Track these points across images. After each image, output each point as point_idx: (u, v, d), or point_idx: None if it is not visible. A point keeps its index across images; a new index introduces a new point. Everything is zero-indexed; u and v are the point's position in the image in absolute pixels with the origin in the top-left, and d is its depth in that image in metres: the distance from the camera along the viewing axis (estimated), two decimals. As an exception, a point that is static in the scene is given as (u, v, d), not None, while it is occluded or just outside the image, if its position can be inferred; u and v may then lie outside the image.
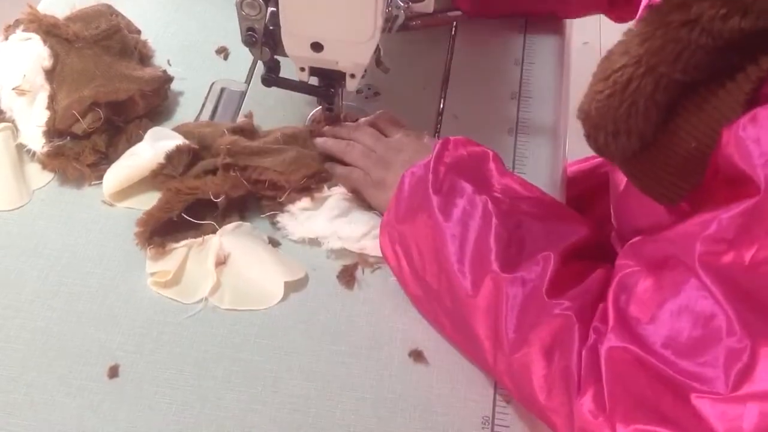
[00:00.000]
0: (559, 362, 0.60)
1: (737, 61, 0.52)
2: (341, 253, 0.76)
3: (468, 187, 0.68)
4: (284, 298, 0.74)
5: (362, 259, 0.76)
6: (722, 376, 0.51)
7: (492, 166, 0.72)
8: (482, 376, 0.69)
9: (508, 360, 0.63)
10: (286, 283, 0.74)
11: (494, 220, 0.65)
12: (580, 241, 0.65)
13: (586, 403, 0.57)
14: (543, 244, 0.64)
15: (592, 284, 0.62)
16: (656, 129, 0.56)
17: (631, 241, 0.63)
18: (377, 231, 0.74)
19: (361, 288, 0.75)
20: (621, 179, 0.71)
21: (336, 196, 0.78)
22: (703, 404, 0.52)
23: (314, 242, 0.78)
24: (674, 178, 0.57)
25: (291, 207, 0.78)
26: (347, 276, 0.75)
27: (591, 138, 0.61)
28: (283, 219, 0.79)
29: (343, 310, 0.73)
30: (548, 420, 0.62)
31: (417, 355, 0.70)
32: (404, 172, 0.72)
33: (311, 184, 0.79)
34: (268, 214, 0.79)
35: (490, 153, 0.73)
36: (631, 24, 0.58)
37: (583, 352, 0.58)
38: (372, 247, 0.75)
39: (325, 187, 0.79)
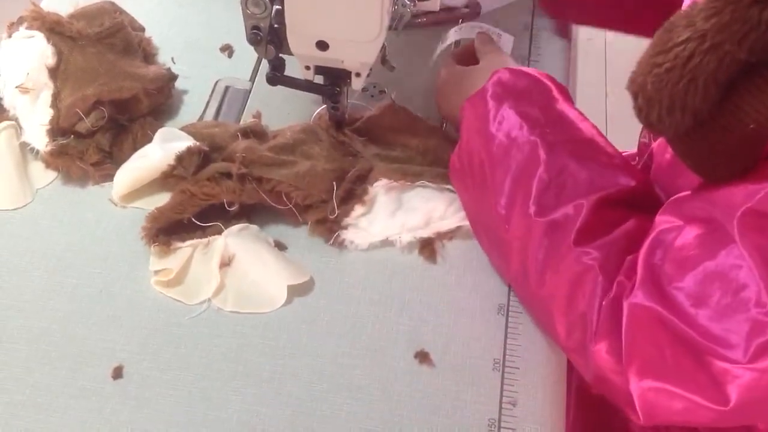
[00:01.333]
0: (578, 308, 0.62)
1: None
2: (412, 245, 0.77)
3: (523, 124, 0.70)
4: (288, 301, 0.73)
5: (438, 237, 0.78)
6: (743, 345, 0.52)
7: (556, 94, 0.73)
8: (489, 378, 0.69)
9: (532, 295, 0.67)
10: (290, 286, 0.73)
11: (541, 165, 0.67)
12: (622, 191, 0.66)
13: (602, 350, 0.59)
14: (582, 192, 0.65)
15: (620, 236, 0.63)
16: (713, 107, 0.55)
17: (673, 197, 0.63)
18: (439, 212, 0.77)
19: (366, 290, 0.75)
20: (663, 154, 0.71)
21: (382, 191, 0.78)
22: (719, 368, 0.53)
23: (387, 243, 0.77)
24: (727, 158, 0.57)
25: (348, 220, 0.77)
26: (428, 250, 0.77)
27: (643, 112, 0.58)
28: (347, 235, 0.77)
29: (347, 311, 0.73)
30: (570, 357, 0.65)
31: (423, 357, 0.70)
32: (495, 71, 0.75)
33: (348, 190, 0.78)
34: (333, 238, 0.77)
35: (554, 86, 0.74)
36: None
37: (604, 303, 0.60)
38: (440, 225, 0.77)
39: (368, 188, 0.78)
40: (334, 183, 0.77)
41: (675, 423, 0.59)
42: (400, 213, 0.78)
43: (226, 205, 0.76)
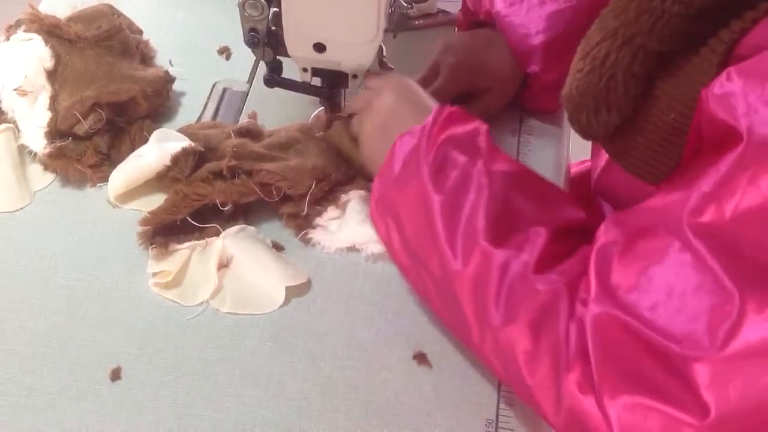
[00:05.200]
0: (546, 338, 0.58)
1: (710, 28, 0.53)
2: (380, 256, 0.76)
3: (461, 159, 0.66)
4: (286, 302, 0.73)
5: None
6: (710, 337, 0.50)
7: (483, 140, 0.68)
8: (486, 379, 0.69)
9: (494, 336, 0.61)
10: (288, 287, 0.73)
11: (486, 194, 0.63)
12: (574, 222, 0.64)
13: (575, 378, 0.55)
14: (535, 221, 0.62)
15: (580, 260, 0.61)
16: (635, 102, 0.57)
17: (613, 213, 0.62)
18: None
19: (364, 291, 0.75)
20: (601, 161, 0.71)
21: (356, 198, 0.78)
22: (690, 368, 0.50)
23: (353, 250, 0.77)
24: (656, 153, 0.57)
25: (319, 220, 0.78)
26: None
27: (574, 119, 0.61)
28: (316, 234, 0.78)
29: (345, 312, 0.73)
30: (534, 401, 0.60)
31: (421, 358, 0.70)
32: (396, 138, 0.68)
33: (327, 192, 0.78)
34: (300, 234, 0.78)
35: (483, 128, 0.69)
36: None
37: (571, 326, 0.57)
38: None
39: (342, 195, 0.78)
40: (314, 182, 0.77)
41: None
42: (368, 223, 0.76)
43: (219, 205, 0.76)
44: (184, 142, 0.79)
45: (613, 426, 0.53)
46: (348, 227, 0.77)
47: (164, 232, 0.76)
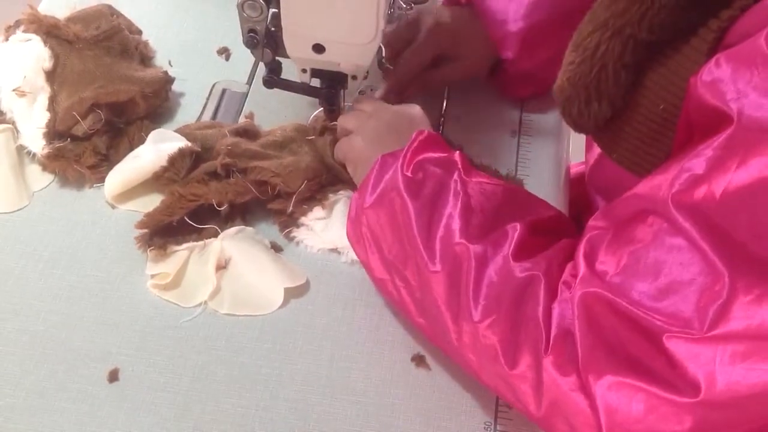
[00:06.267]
0: (524, 324, 0.57)
1: (699, 18, 0.54)
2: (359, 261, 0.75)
3: (438, 171, 0.66)
4: (284, 304, 0.73)
5: None
6: (698, 317, 0.49)
7: (459, 158, 0.69)
8: (484, 381, 0.69)
9: (473, 330, 0.60)
10: (286, 288, 0.73)
11: (462, 200, 0.64)
12: (547, 219, 0.65)
13: (554, 360, 0.55)
14: (510, 219, 0.62)
15: (558, 248, 0.61)
16: (626, 93, 0.58)
17: (603, 205, 0.63)
18: None
19: (362, 293, 0.75)
20: (594, 155, 0.71)
21: (343, 200, 0.78)
22: (677, 346, 0.50)
23: (335, 252, 0.77)
24: (646, 146, 0.58)
25: (304, 219, 0.78)
26: None
27: (565, 111, 0.61)
28: (299, 233, 0.78)
29: (344, 314, 0.73)
30: (515, 395, 0.59)
31: (419, 360, 0.70)
32: (378, 158, 0.69)
33: (315, 191, 0.78)
34: (285, 231, 0.78)
35: (456, 153, 0.69)
36: None
37: (553, 307, 0.57)
38: None
39: (330, 195, 0.78)
40: (305, 181, 0.77)
41: None
42: None
43: (215, 205, 0.76)
44: (181, 143, 0.79)
45: (598, 407, 0.52)
46: (333, 229, 0.77)
47: (162, 233, 0.76)
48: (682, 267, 0.51)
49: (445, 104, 0.91)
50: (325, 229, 0.77)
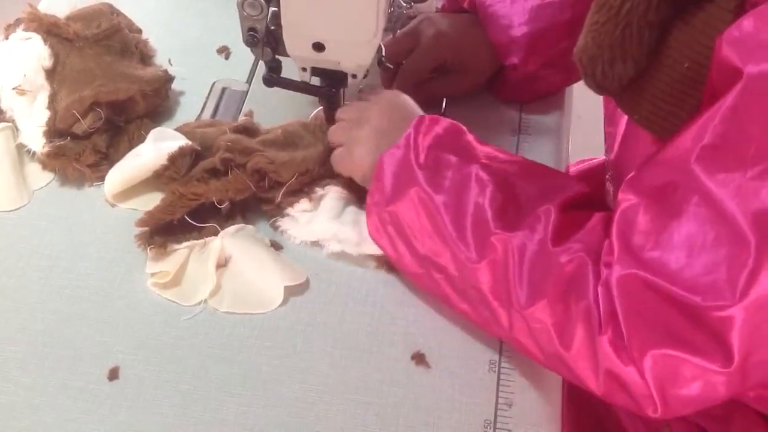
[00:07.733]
0: (576, 305, 0.59)
1: None
2: (341, 255, 0.76)
3: (453, 159, 0.68)
4: (285, 302, 0.73)
5: (362, 261, 0.76)
6: (730, 286, 0.52)
7: (469, 137, 0.71)
8: (485, 379, 0.69)
9: (523, 316, 0.62)
10: (286, 287, 0.73)
11: (488, 186, 0.65)
12: (576, 195, 0.66)
13: (608, 338, 0.57)
14: (540, 201, 0.64)
15: (595, 225, 0.62)
16: (650, 53, 0.58)
17: (628, 176, 0.63)
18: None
19: (362, 291, 0.75)
20: (620, 128, 0.72)
21: (331, 195, 0.78)
22: (714, 319, 0.52)
23: (316, 245, 0.77)
24: (669, 105, 0.58)
25: (290, 210, 0.78)
26: None
27: (588, 72, 0.61)
28: (284, 223, 0.78)
29: (344, 312, 0.73)
30: (573, 373, 0.61)
31: (419, 358, 0.70)
32: (381, 154, 0.70)
33: (304, 184, 0.78)
34: (271, 220, 0.78)
35: (463, 127, 0.72)
36: None
37: (599, 289, 0.59)
38: (372, 248, 0.75)
39: (318, 189, 0.78)
40: (297, 174, 0.77)
41: (692, 404, 0.56)
42: (337, 222, 0.76)
43: (216, 204, 0.76)
44: (181, 141, 0.79)
45: (647, 379, 0.55)
46: (317, 222, 0.77)
47: (162, 231, 0.76)
48: (712, 239, 0.53)
49: (444, 104, 0.91)
50: (310, 221, 0.77)
